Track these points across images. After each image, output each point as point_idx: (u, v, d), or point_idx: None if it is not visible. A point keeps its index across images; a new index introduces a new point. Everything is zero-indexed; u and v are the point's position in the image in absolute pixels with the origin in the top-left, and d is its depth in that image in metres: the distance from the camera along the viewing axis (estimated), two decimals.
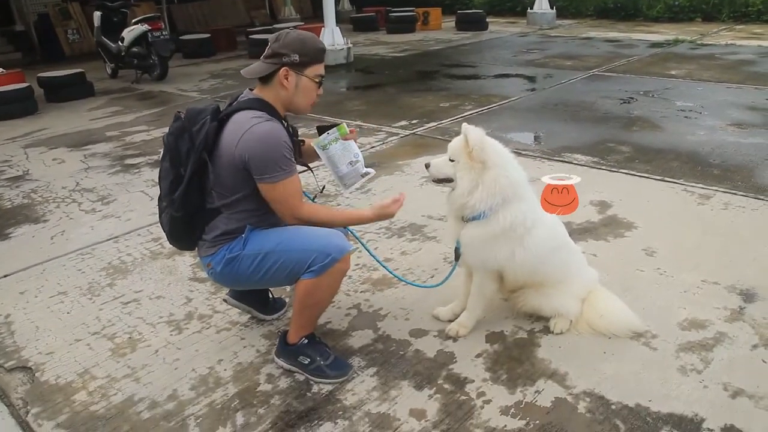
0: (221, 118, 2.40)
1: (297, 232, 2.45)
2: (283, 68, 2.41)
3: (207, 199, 2.46)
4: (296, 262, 2.38)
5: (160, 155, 2.53)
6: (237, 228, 2.46)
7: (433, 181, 2.68)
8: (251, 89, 2.54)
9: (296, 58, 2.41)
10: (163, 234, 2.66)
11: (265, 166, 2.32)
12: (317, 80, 2.50)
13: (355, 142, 2.71)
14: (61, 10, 14.15)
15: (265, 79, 2.47)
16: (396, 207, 2.59)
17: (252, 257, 2.43)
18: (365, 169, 2.76)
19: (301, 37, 2.45)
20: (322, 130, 2.65)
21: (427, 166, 2.63)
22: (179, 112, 2.47)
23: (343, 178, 2.70)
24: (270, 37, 2.50)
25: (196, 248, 2.61)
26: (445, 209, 2.76)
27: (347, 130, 2.67)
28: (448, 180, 2.58)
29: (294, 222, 2.45)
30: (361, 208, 2.71)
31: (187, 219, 2.45)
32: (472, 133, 2.45)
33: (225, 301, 3.03)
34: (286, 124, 2.49)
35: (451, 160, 2.55)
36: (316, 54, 2.47)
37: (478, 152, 2.44)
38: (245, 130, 2.31)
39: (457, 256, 2.70)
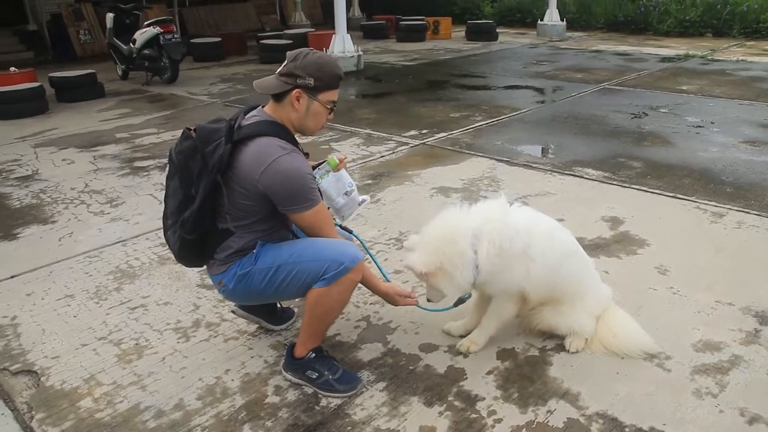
0: (237, 140, 2.33)
1: (310, 243, 2.45)
2: (296, 90, 2.38)
3: (218, 220, 2.42)
4: (309, 272, 2.36)
5: (166, 169, 2.49)
6: (248, 245, 2.44)
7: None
8: (263, 106, 2.50)
9: (311, 81, 2.37)
10: (174, 257, 2.62)
11: (292, 198, 2.33)
12: (329, 106, 2.46)
13: (346, 169, 2.76)
14: (74, 10, 14.21)
15: (277, 97, 2.43)
16: (403, 302, 2.67)
17: (264, 271, 2.41)
18: (361, 197, 2.80)
19: (320, 61, 2.40)
20: (312, 168, 2.65)
21: (429, 300, 2.66)
22: (189, 129, 2.40)
23: (341, 210, 2.75)
24: (289, 53, 2.44)
25: (205, 266, 2.58)
26: None
27: (337, 161, 2.72)
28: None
29: None
30: (380, 280, 2.72)
31: (199, 241, 2.41)
32: (412, 263, 2.46)
33: (233, 312, 3.01)
34: (301, 149, 2.47)
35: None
36: (332, 80, 2.43)
37: (429, 271, 2.44)
38: (269, 162, 2.27)
39: (459, 302, 2.71)
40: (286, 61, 2.42)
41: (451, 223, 2.52)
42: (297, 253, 2.41)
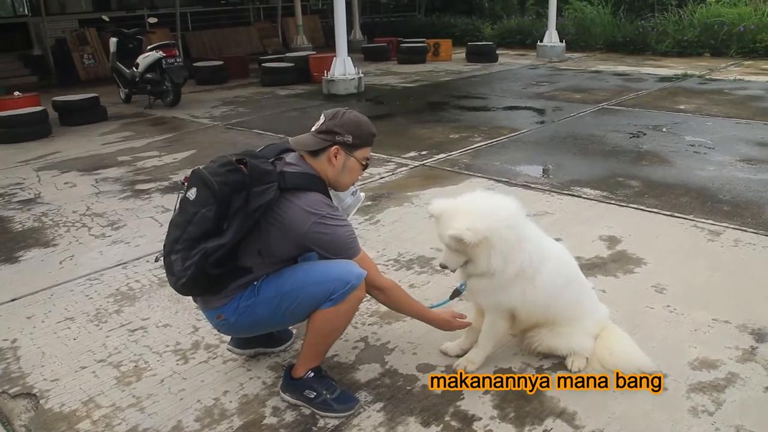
0: (285, 187, 2.37)
1: (312, 267, 2.48)
2: (335, 147, 2.47)
3: (241, 257, 2.41)
4: (315, 295, 2.39)
5: (190, 191, 2.33)
6: (253, 279, 2.45)
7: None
8: (300, 154, 2.55)
9: (349, 139, 2.47)
10: (176, 287, 2.48)
11: (337, 252, 2.43)
12: (364, 163, 2.57)
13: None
14: (78, 35, 14.40)
15: (314, 153, 2.51)
16: (459, 324, 2.78)
17: (268, 301, 2.42)
18: (361, 194, 2.91)
19: (358, 120, 2.52)
20: None
21: (443, 266, 2.61)
22: (233, 159, 2.37)
23: (348, 209, 2.82)
24: (326, 112, 2.55)
25: (198, 299, 2.55)
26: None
27: None
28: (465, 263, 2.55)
29: (374, 293, 2.55)
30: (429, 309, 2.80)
31: (217, 277, 2.37)
32: (462, 235, 2.36)
33: (229, 350, 2.97)
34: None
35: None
36: (368, 138, 2.54)
37: (478, 241, 2.38)
38: (316, 220, 2.36)
39: (455, 294, 2.71)
40: (323, 119, 2.51)
41: (497, 202, 2.52)
42: (300, 279, 2.43)
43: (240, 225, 2.29)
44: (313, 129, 2.54)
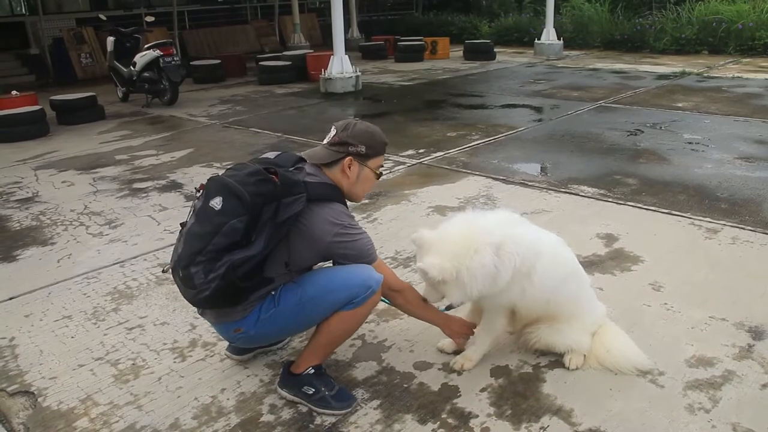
0: (310, 199, 2.38)
1: (333, 273, 2.51)
2: (349, 157, 2.49)
3: (265, 268, 2.38)
4: (338, 301, 2.42)
5: (215, 200, 2.25)
6: (270, 289, 2.44)
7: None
8: (318, 166, 2.55)
9: (362, 149, 2.49)
10: (169, 261, 2.49)
11: (358, 259, 2.46)
12: (378, 172, 2.60)
13: None
14: (75, 34, 14.38)
15: (328, 165, 2.53)
16: (460, 331, 2.82)
17: (290, 310, 2.43)
18: None
19: (370, 130, 2.55)
20: None
21: (425, 300, 2.64)
22: (268, 169, 2.32)
23: None
24: (337, 124, 2.55)
25: (209, 313, 2.51)
26: None
27: None
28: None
29: (391, 295, 2.61)
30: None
31: (245, 288, 2.33)
32: (428, 269, 2.39)
33: (227, 357, 2.94)
34: None
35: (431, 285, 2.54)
36: (381, 147, 2.57)
37: (444, 277, 2.41)
38: (339, 230, 2.40)
39: (449, 308, 2.75)
40: (335, 131, 2.52)
41: (472, 230, 2.48)
42: (322, 286, 2.45)
43: (269, 236, 2.26)
44: (325, 141, 2.55)
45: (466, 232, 2.48)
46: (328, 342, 2.54)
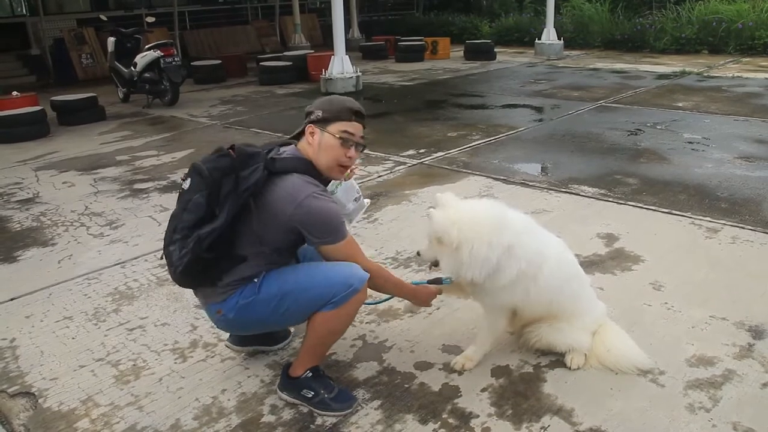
0: (275, 171, 2.38)
1: (315, 268, 2.47)
2: (309, 125, 2.48)
3: (236, 245, 2.41)
4: (317, 297, 2.38)
5: (186, 182, 2.39)
6: (253, 274, 2.43)
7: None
8: (295, 144, 2.56)
9: (320, 114, 2.47)
10: (174, 276, 2.51)
11: (325, 233, 2.38)
12: (338, 136, 2.45)
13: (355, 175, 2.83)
14: (76, 35, 14.39)
15: (297, 137, 2.54)
16: (427, 300, 2.74)
17: (268, 301, 2.41)
18: (365, 200, 2.94)
19: (330, 98, 2.56)
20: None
21: (419, 254, 2.62)
22: (225, 148, 2.40)
23: (350, 214, 2.85)
24: None
25: (198, 293, 2.55)
26: None
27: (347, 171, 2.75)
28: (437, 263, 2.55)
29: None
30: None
31: (212, 262, 2.37)
32: (435, 217, 2.39)
33: (227, 347, 2.97)
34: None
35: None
36: (341, 112, 2.48)
37: (443, 236, 2.39)
38: (301, 199, 2.32)
39: (435, 282, 2.69)
40: None
41: (494, 218, 2.47)
42: (302, 280, 2.42)
43: (231, 208, 2.31)
44: None
45: (488, 216, 2.47)
46: (315, 344, 2.51)
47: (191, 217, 2.32)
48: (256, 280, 2.43)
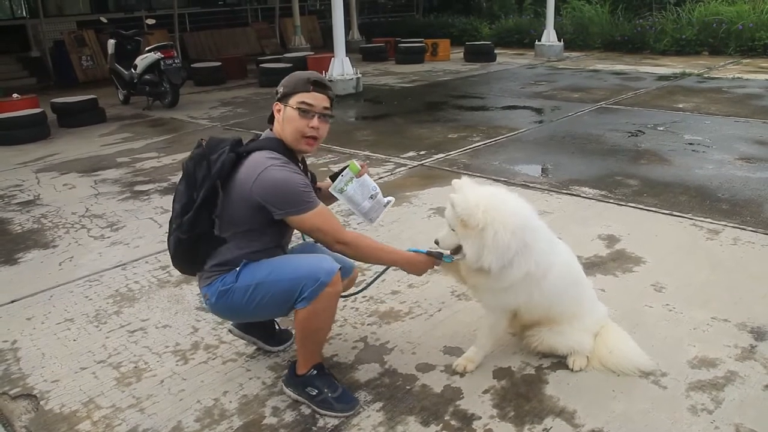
0: (240, 152, 2.44)
1: (286, 261, 2.50)
2: (276, 103, 2.55)
3: (215, 226, 2.48)
4: (286, 291, 2.39)
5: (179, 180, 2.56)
6: (233, 259, 2.48)
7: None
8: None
9: (281, 89, 2.54)
10: (171, 260, 2.67)
11: (286, 203, 2.37)
12: (296, 107, 2.46)
13: (368, 174, 2.77)
14: (76, 37, 14.39)
15: (270, 120, 2.61)
16: (424, 268, 2.63)
17: (244, 289, 2.44)
18: (386, 199, 2.82)
19: (292, 73, 2.60)
20: (334, 177, 2.72)
21: (437, 242, 2.56)
22: (202, 140, 2.52)
23: (368, 213, 2.75)
24: None
25: (197, 279, 2.63)
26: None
27: (358, 166, 2.71)
28: (458, 249, 2.50)
29: (339, 248, 2.46)
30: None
31: (191, 243, 2.47)
32: (457, 200, 2.37)
33: (230, 332, 3.03)
34: (302, 167, 2.57)
35: (453, 230, 2.48)
36: (298, 84, 2.50)
37: (468, 218, 2.36)
38: (259, 172, 2.36)
39: (434, 255, 2.61)
40: None
41: (520, 208, 2.46)
42: (275, 272, 2.43)
43: (205, 191, 2.40)
44: None
45: (510, 203, 2.46)
46: (304, 341, 2.52)
47: (178, 206, 2.48)
48: (237, 268, 2.47)
